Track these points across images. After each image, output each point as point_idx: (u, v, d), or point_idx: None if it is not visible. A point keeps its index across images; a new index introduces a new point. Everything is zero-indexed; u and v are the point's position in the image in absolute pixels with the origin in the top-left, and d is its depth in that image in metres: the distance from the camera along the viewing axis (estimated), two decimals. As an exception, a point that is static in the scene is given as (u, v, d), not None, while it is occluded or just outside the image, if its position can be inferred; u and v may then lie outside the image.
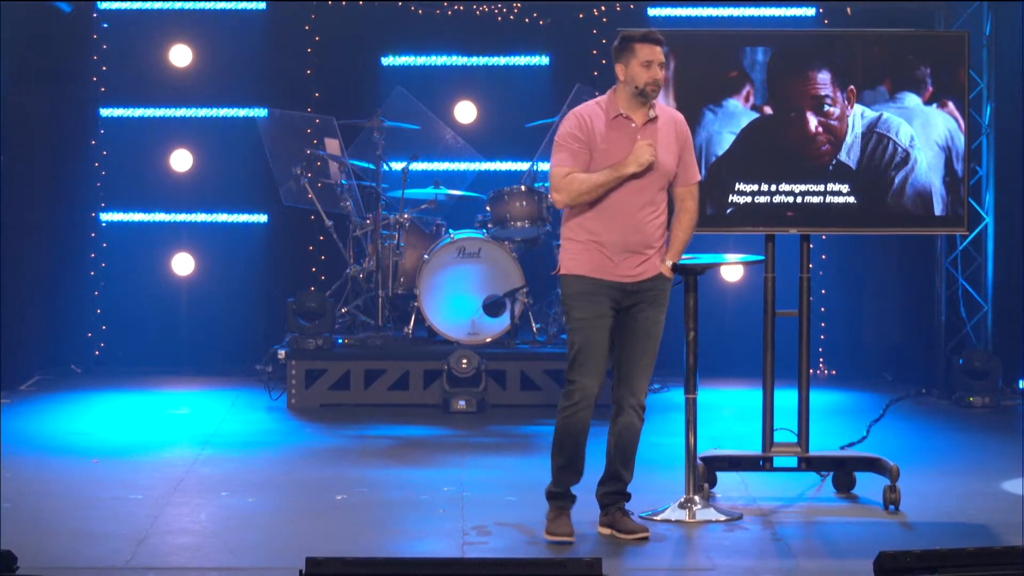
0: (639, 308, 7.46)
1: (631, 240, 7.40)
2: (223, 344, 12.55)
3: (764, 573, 7.08)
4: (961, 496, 8.56)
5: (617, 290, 7.42)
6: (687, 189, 7.54)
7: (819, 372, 12.58)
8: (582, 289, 7.44)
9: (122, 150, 12.63)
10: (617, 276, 7.42)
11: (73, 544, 7.43)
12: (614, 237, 7.40)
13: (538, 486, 7.83)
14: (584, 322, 7.43)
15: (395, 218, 11.58)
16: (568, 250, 7.53)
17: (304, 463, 9.42)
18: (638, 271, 7.43)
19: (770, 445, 8.38)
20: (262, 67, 12.61)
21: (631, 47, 7.42)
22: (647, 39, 7.42)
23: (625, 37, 7.48)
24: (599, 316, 7.42)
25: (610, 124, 7.44)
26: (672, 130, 7.49)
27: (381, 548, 7.40)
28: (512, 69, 12.70)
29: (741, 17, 12.42)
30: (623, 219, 7.40)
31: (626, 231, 7.40)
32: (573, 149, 7.42)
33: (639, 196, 7.40)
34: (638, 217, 7.40)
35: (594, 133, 7.41)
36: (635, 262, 7.42)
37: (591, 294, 7.43)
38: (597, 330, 7.43)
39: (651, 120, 7.45)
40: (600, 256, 7.42)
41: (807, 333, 8.37)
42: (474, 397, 10.93)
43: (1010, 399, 11.52)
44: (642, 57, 7.39)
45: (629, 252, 7.41)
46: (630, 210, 7.40)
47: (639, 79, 7.39)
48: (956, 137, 8.22)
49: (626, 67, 7.43)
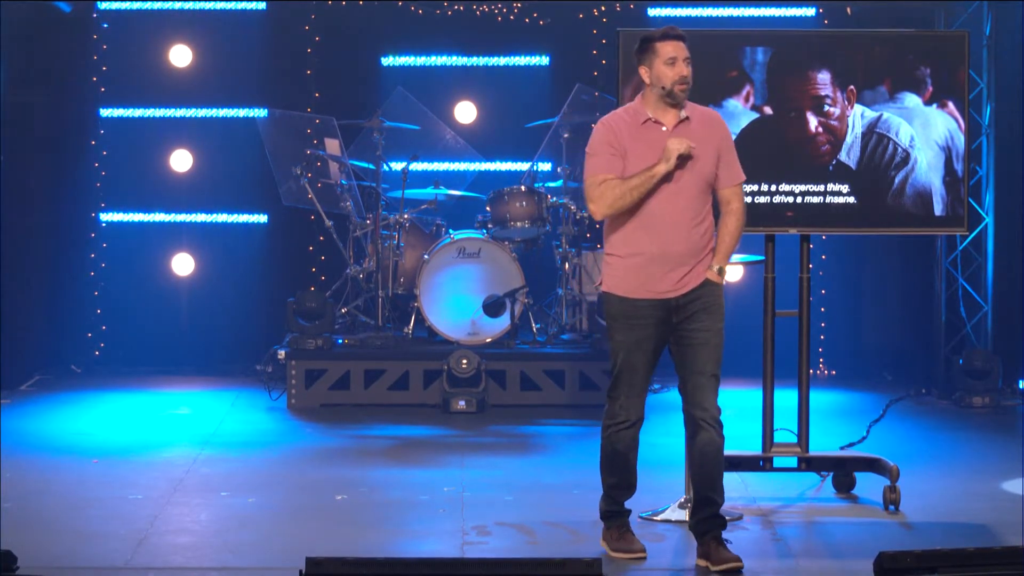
0: (693, 319, 7.12)
1: (675, 250, 7.06)
2: (223, 344, 12.55)
3: (764, 573, 7.08)
4: (961, 496, 8.56)
5: (661, 308, 7.09)
6: (731, 190, 7.18)
7: (819, 372, 12.58)
8: (623, 311, 7.13)
9: (122, 150, 12.63)
10: (659, 293, 7.09)
11: (73, 544, 7.43)
12: (655, 249, 7.06)
13: (538, 486, 7.86)
14: (624, 345, 7.15)
15: (395, 218, 11.58)
16: (609, 265, 7.19)
17: (304, 463, 9.42)
18: (681, 284, 7.09)
19: (770, 445, 8.38)
20: (262, 67, 12.61)
21: (652, 47, 7.07)
22: (668, 36, 7.07)
23: (645, 38, 7.12)
24: (640, 339, 7.12)
25: (639, 130, 7.11)
26: (708, 129, 7.15)
27: (381, 548, 7.40)
28: (512, 69, 12.70)
29: (741, 17, 12.42)
30: (665, 228, 7.06)
31: (669, 241, 7.06)
32: (605, 156, 7.09)
33: (678, 202, 7.05)
34: (680, 225, 7.06)
35: (624, 139, 7.09)
36: (678, 275, 7.08)
37: (632, 316, 7.11)
38: (638, 353, 7.14)
39: (683, 121, 7.11)
40: (642, 272, 7.08)
41: (807, 333, 8.37)
42: (474, 397, 10.92)
43: (1010, 399, 11.52)
44: (665, 55, 7.04)
45: (673, 264, 7.07)
46: (672, 218, 7.06)
47: (665, 78, 7.04)
48: (956, 137, 8.22)
49: (650, 69, 7.08)
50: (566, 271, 11.56)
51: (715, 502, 7.17)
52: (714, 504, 7.16)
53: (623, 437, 7.21)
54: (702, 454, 7.15)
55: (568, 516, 7.93)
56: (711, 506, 7.16)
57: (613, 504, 7.30)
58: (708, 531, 7.15)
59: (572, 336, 11.59)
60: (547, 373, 11.15)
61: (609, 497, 7.30)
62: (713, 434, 7.13)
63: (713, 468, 7.15)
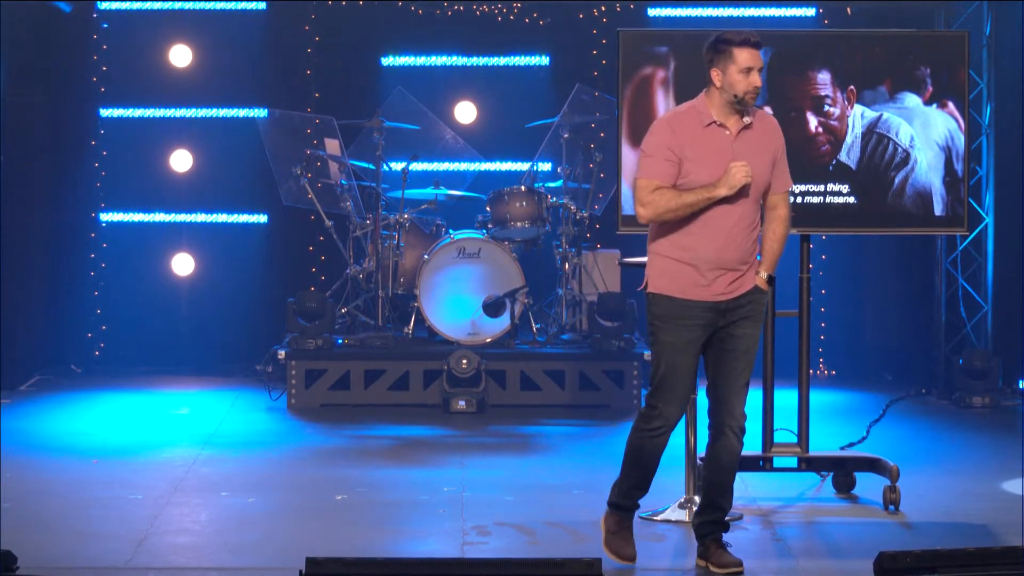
0: (737, 325, 7.02)
1: (726, 257, 6.94)
2: (223, 344, 12.55)
3: (764, 573, 7.08)
4: (961, 496, 8.56)
5: (711, 310, 6.97)
6: (780, 196, 7.07)
7: (819, 372, 12.58)
8: (673, 312, 6.98)
9: (122, 150, 12.62)
10: (711, 296, 6.96)
11: (73, 544, 7.43)
12: (709, 254, 6.92)
13: (538, 486, 7.86)
14: (671, 347, 6.99)
15: (395, 218, 11.58)
16: (657, 267, 7.03)
17: (304, 463, 9.42)
18: (732, 288, 6.97)
19: (770, 445, 8.38)
20: (262, 67, 12.61)
21: (729, 52, 6.86)
22: (748, 43, 6.87)
23: (722, 39, 6.91)
24: (689, 342, 6.99)
25: (703, 132, 6.94)
26: (768, 137, 7.03)
27: (381, 548, 7.40)
28: (512, 69, 12.70)
29: (741, 17, 12.42)
30: (718, 235, 6.93)
31: (721, 248, 6.93)
32: (661, 162, 6.91)
33: (735, 210, 6.93)
34: (733, 233, 6.93)
35: (685, 142, 6.92)
36: (729, 279, 6.96)
37: (682, 317, 6.97)
38: (685, 356, 7.00)
39: (746, 127, 6.97)
40: (694, 274, 6.95)
41: (807, 333, 8.37)
42: (474, 397, 10.92)
43: (1010, 399, 11.52)
44: (742, 63, 6.85)
45: (724, 269, 6.95)
46: (725, 226, 6.92)
47: (738, 87, 6.86)
48: (956, 137, 8.22)
49: (723, 73, 6.87)
50: (566, 271, 11.56)
51: (723, 508, 7.15)
52: (721, 510, 7.15)
53: (658, 443, 7.09)
54: (720, 460, 7.11)
55: (568, 516, 7.93)
56: (718, 511, 7.14)
57: (626, 500, 7.20)
58: (710, 533, 7.14)
59: (572, 336, 11.59)
60: (547, 373, 11.15)
61: (622, 491, 7.19)
62: (736, 441, 7.09)
63: (728, 475, 7.14)
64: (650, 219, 6.97)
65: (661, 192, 6.91)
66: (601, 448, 9.45)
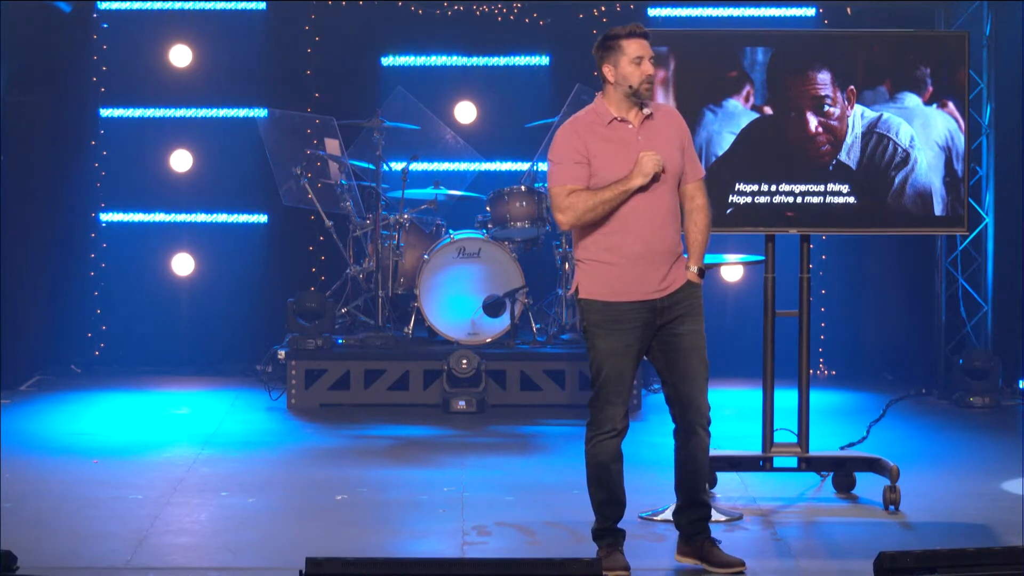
0: (676, 323, 6.97)
1: (656, 248, 6.92)
2: (223, 344, 12.55)
3: (764, 573, 7.08)
4: (961, 496, 8.56)
5: (647, 310, 6.94)
6: (695, 185, 7.06)
7: (819, 372, 12.57)
8: (608, 316, 6.93)
9: (122, 150, 12.62)
10: (644, 294, 6.93)
11: (73, 544, 7.44)
12: (636, 248, 6.91)
13: (538, 486, 7.86)
14: (612, 353, 6.93)
15: (395, 218, 11.58)
16: (586, 271, 7.00)
17: (304, 463, 9.43)
18: (666, 283, 6.95)
19: (770, 445, 8.38)
20: (262, 67, 12.61)
21: (618, 45, 6.93)
22: (633, 34, 6.95)
23: (609, 36, 6.99)
24: (627, 345, 6.94)
25: (606, 130, 6.96)
26: (671, 126, 7.05)
27: (381, 548, 7.40)
28: (512, 69, 12.70)
29: (741, 17, 12.42)
30: (641, 228, 6.92)
31: (646, 240, 6.91)
32: (570, 166, 6.93)
33: (653, 199, 6.93)
34: (656, 223, 6.93)
35: (590, 142, 6.94)
36: (660, 274, 6.93)
37: (616, 321, 6.92)
38: (626, 359, 6.94)
39: (648, 118, 7.00)
40: (623, 275, 6.92)
41: (807, 333, 8.37)
42: (474, 397, 10.92)
43: (1010, 399, 11.51)
44: (631, 54, 6.91)
45: (653, 264, 6.92)
46: (647, 217, 6.92)
47: (632, 78, 6.91)
48: (956, 137, 8.22)
49: (615, 67, 6.94)
50: (566, 271, 11.56)
51: (707, 504, 7.15)
52: (706, 506, 7.14)
53: (608, 447, 7.00)
54: (696, 458, 7.08)
55: (568, 516, 7.93)
56: (703, 508, 7.13)
57: (604, 522, 7.09)
58: (700, 532, 7.14)
59: (572, 336, 11.58)
60: (547, 373, 11.15)
61: (600, 515, 7.09)
62: (705, 437, 7.07)
63: (703, 471, 7.12)
64: (572, 223, 6.96)
65: (577, 195, 6.92)
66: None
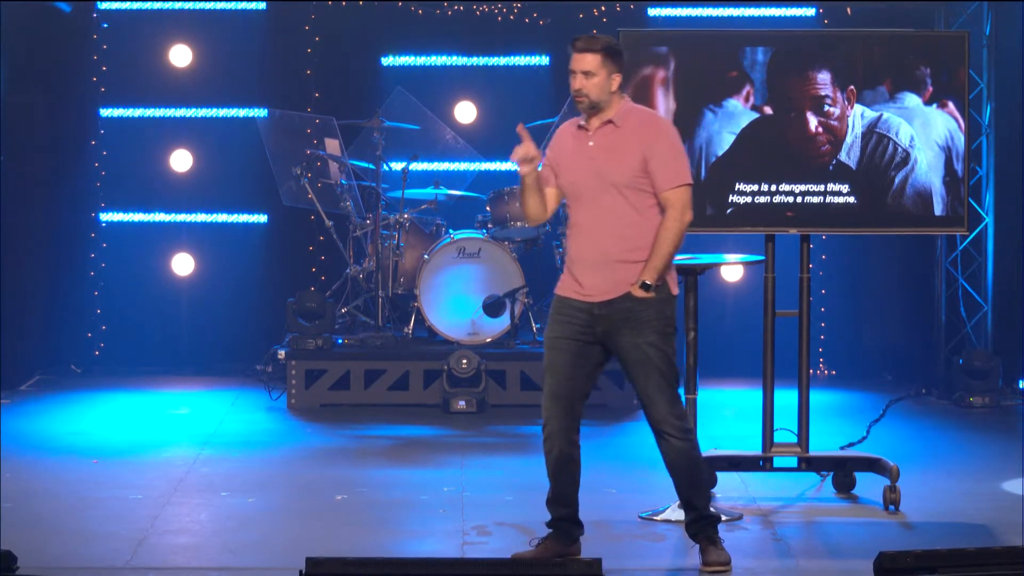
0: (617, 335, 6.98)
1: (599, 255, 6.98)
2: (223, 344, 12.55)
3: (764, 573, 7.08)
4: (961, 496, 8.56)
5: (584, 312, 7.00)
6: (666, 195, 6.97)
7: (819, 372, 12.57)
8: (554, 309, 7.10)
9: (122, 150, 12.62)
10: (583, 296, 7.00)
11: (73, 544, 7.44)
12: (583, 252, 7.02)
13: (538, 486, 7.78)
14: (548, 342, 7.07)
15: (395, 218, 11.58)
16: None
17: (304, 463, 9.43)
18: (605, 290, 6.97)
19: (770, 445, 8.38)
20: (262, 67, 12.61)
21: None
22: (573, 46, 7.07)
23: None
24: (559, 336, 7.02)
25: (571, 137, 7.15)
26: (637, 135, 7.01)
27: (381, 548, 7.40)
28: (512, 69, 12.70)
29: (741, 17, 12.42)
30: (587, 233, 7.01)
31: (591, 245, 6.99)
32: (544, 169, 7.16)
33: (595, 208, 6.99)
34: (602, 229, 6.98)
35: (558, 147, 7.17)
36: (602, 280, 6.97)
37: (559, 313, 7.06)
38: (557, 351, 7.02)
39: (609, 123, 7.04)
40: (571, 275, 7.05)
41: (807, 333, 8.37)
42: (474, 397, 10.92)
43: (1010, 399, 11.51)
44: (571, 66, 7.08)
45: (598, 269, 6.97)
46: (589, 223, 7.00)
47: (572, 88, 7.09)
48: (956, 137, 8.22)
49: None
50: (566, 271, 11.55)
51: (695, 507, 7.13)
52: (695, 509, 7.13)
53: (547, 446, 7.07)
54: (669, 463, 7.12)
55: (568, 516, 7.92)
56: (692, 510, 7.14)
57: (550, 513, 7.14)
58: (697, 533, 7.16)
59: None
60: (547, 373, 11.13)
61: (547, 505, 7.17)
62: (674, 441, 7.04)
63: (683, 475, 7.11)
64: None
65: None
66: (600, 448, 9.44)
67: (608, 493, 8.43)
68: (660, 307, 6.99)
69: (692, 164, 8.13)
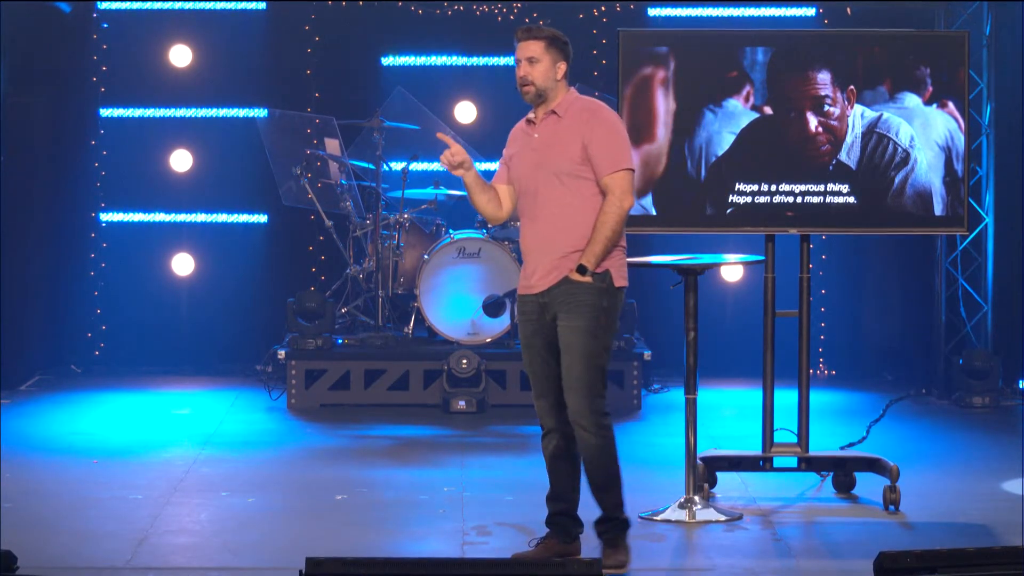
0: (558, 318, 6.92)
1: (541, 244, 6.96)
2: (223, 344, 12.55)
3: (764, 573, 7.08)
4: (961, 496, 8.56)
5: (534, 303, 6.99)
6: (606, 181, 6.90)
7: (819, 372, 12.57)
8: (518, 309, 7.16)
9: (122, 150, 12.63)
10: (530, 289, 7.00)
11: (73, 544, 7.44)
12: (527, 243, 7.03)
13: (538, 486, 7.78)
14: (521, 343, 7.12)
15: (395, 218, 11.59)
16: None
17: (304, 463, 9.43)
18: (547, 278, 6.94)
19: (770, 445, 8.38)
20: (262, 67, 12.61)
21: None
22: (516, 36, 7.16)
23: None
24: (527, 335, 7.03)
25: (522, 130, 7.18)
26: (576, 124, 6.98)
27: (381, 548, 7.40)
28: (512, 69, 12.59)
29: (741, 17, 12.42)
30: (527, 224, 7.04)
31: (532, 235, 7.00)
32: (500, 165, 7.21)
33: (535, 198, 6.98)
34: (543, 218, 6.96)
35: (511, 143, 7.20)
36: (544, 269, 6.95)
37: (521, 313, 7.08)
38: (529, 351, 7.04)
39: (552, 114, 7.05)
40: (523, 271, 7.09)
41: (807, 333, 8.37)
42: (474, 397, 10.93)
43: (1010, 399, 11.51)
44: (516, 55, 7.17)
45: (541, 259, 6.96)
46: (531, 213, 7.01)
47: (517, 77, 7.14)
48: (956, 137, 8.22)
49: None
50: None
51: (602, 507, 7.03)
52: (600, 507, 7.03)
53: (543, 443, 7.09)
54: (582, 458, 7.03)
55: (568, 516, 7.92)
56: (600, 509, 7.05)
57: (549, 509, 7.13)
58: (601, 533, 7.08)
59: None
60: (547, 373, 11.13)
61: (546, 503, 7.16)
62: (587, 436, 6.94)
63: (593, 472, 7.01)
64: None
65: None
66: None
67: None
68: (598, 296, 6.91)
69: (692, 164, 8.15)
